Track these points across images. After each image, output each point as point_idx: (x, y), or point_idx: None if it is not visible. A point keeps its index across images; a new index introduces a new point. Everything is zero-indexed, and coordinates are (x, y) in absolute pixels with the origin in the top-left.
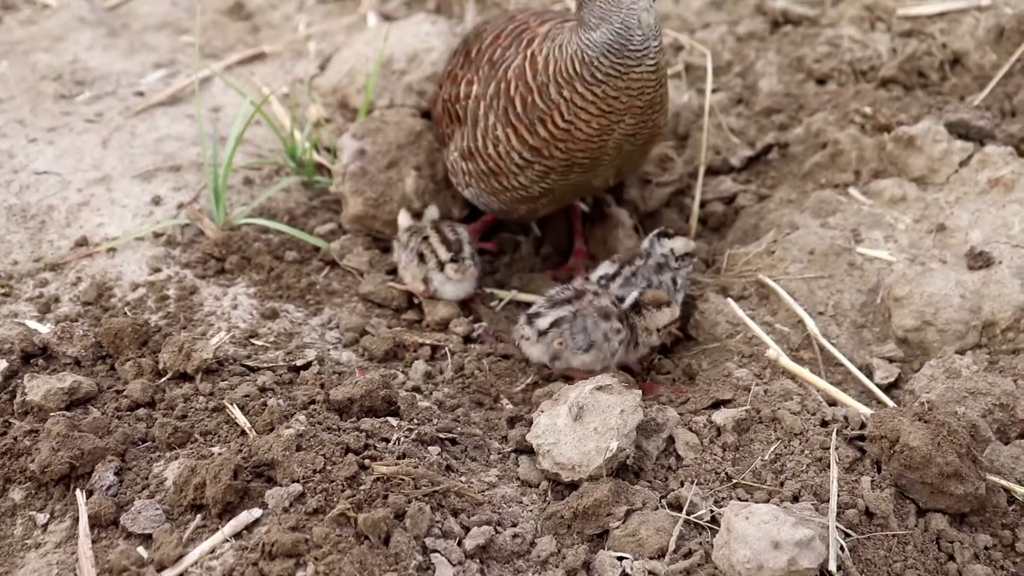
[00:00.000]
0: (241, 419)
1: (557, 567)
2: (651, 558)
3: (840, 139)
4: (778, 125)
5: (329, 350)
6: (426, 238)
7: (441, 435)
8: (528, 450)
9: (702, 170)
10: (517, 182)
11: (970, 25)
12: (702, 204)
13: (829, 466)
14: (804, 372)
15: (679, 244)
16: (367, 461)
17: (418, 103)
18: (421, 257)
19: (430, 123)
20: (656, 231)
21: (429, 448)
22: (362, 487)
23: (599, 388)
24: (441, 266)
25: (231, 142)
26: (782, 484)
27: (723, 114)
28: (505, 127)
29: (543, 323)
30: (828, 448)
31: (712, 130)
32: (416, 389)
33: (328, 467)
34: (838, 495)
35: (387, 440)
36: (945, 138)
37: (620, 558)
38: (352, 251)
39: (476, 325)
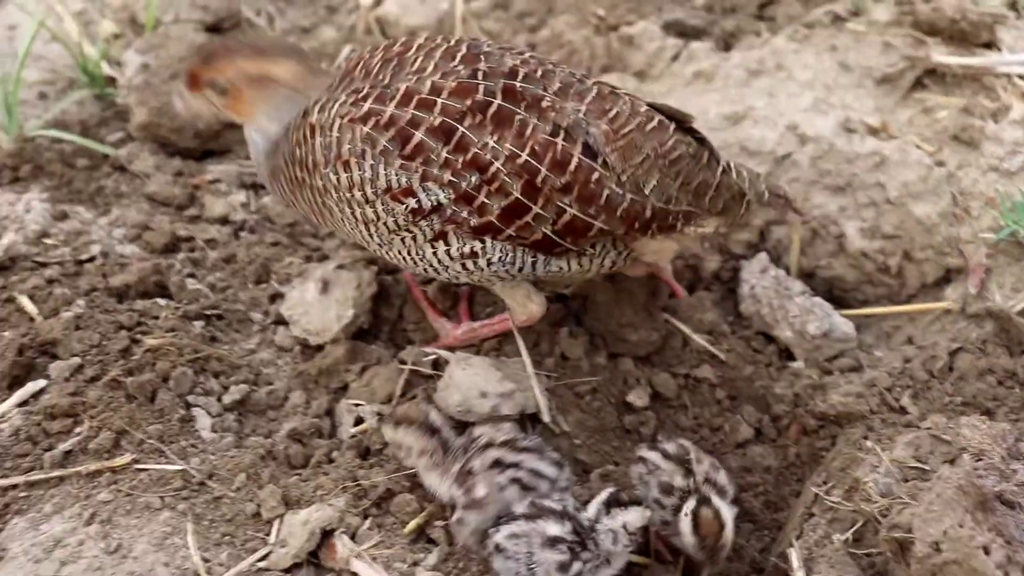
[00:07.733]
0: (29, 306)
1: (305, 415)
2: (381, 403)
3: (574, 39)
4: (529, 27)
5: (114, 245)
6: None
7: (207, 312)
8: (285, 322)
9: None
10: None
11: None
12: None
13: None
14: None
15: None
16: (139, 336)
17: (202, 17)
18: None
19: (210, 36)
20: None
21: (195, 323)
22: (133, 358)
23: (341, 267)
24: None
25: (20, 56)
26: (498, 345)
27: (481, 19)
28: None
29: None
30: None
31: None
32: (191, 276)
33: (103, 342)
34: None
35: (157, 318)
36: (659, 36)
37: (356, 404)
38: (139, 156)
39: (248, 216)
